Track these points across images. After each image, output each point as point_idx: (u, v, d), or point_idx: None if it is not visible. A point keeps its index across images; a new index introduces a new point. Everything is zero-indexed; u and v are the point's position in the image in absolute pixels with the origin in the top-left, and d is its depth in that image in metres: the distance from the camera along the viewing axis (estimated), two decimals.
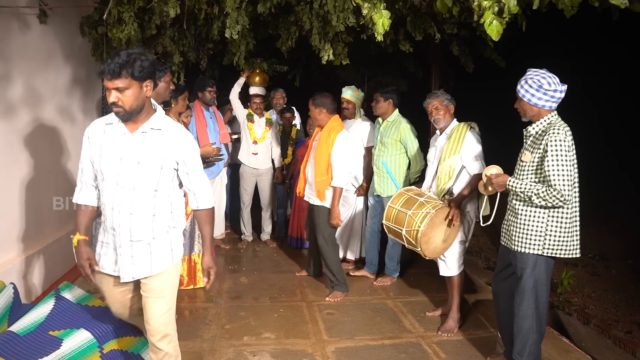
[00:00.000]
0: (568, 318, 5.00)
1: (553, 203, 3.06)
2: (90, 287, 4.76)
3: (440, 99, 4.21)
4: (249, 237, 6.66)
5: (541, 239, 3.18)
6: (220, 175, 6.05)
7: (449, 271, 4.23)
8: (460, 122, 4.20)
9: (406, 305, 4.72)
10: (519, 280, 3.29)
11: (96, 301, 3.74)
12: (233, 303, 4.68)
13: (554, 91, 3.10)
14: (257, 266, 5.77)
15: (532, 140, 3.22)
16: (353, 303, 4.76)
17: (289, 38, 5.44)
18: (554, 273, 5.86)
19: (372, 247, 5.35)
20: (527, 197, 3.14)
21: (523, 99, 3.18)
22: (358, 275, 5.41)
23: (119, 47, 5.04)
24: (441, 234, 3.88)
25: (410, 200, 3.94)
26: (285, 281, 5.28)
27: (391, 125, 5.02)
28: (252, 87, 6.46)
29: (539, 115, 3.19)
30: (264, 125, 6.31)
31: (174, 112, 4.77)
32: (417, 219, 3.79)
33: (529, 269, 3.24)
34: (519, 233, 3.26)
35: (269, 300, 4.76)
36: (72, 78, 5.41)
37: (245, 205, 6.49)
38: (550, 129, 3.09)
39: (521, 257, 3.26)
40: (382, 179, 5.08)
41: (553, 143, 3.03)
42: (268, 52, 7.01)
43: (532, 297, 3.26)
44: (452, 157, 4.05)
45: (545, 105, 3.14)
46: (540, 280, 3.26)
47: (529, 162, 3.17)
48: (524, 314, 3.30)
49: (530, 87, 3.13)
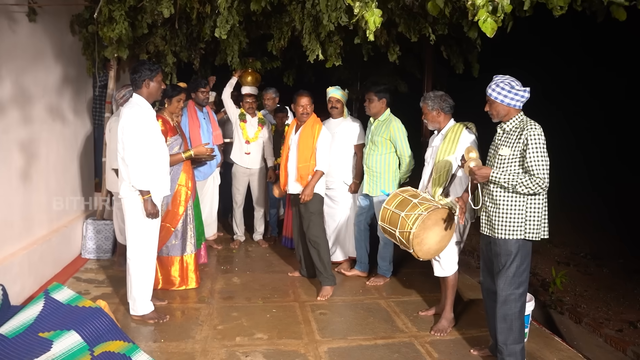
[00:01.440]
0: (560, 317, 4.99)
1: (535, 190, 3.26)
2: (81, 288, 4.73)
3: (425, 104, 4.21)
4: (241, 238, 6.62)
5: (522, 224, 3.35)
6: (212, 176, 6.01)
7: (443, 272, 4.20)
8: (457, 123, 4.18)
9: (399, 305, 4.69)
10: (502, 267, 3.43)
11: (86, 302, 3.69)
12: (225, 303, 4.64)
13: (524, 91, 3.36)
14: (250, 266, 5.73)
15: (505, 137, 3.43)
16: (346, 303, 4.74)
17: (282, 37, 5.41)
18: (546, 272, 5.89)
19: (360, 245, 5.33)
20: (512, 186, 3.31)
21: (496, 101, 3.40)
22: (350, 275, 5.38)
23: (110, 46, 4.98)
24: (435, 236, 3.85)
25: (405, 202, 3.93)
26: (277, 281, 5.25)
27: (382, 123, 5.00)
28: (244, 87, 6.42)
29: (509, 115, 3.42)
30: (257, 125, 6.26)
31: (167, 112, 4.73)
32: (409, 221, 3.77)
33: (512, 255, 3.39)
34: (501, 220, 3.40)
35: (262, 301, 4.73)
36: (62, 77, 5.35)
37: (238, 205, 6.45)
38: (526, 125, 3.33)
39: (505, 244, 3.40)
40: (372, 178, 5.06)
41: (533, 137, 3.25)
42: (260, 51, 6.98)
43: (515, 283, 3.41)
44: (447, 157, 4.05)
45: (516, 104, 3.37)
46: (522, 266, 3.41)
47: (509, 155, 3.36)
48: (507, 299, 3.43)
49: (503, 89, 3.36)
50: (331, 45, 5.02)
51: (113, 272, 5.27)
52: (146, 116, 3.94)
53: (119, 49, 5.01)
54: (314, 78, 8.84)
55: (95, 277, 5.14)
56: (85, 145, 6.02)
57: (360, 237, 5.31)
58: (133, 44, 5.27)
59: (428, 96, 4.23)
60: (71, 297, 3.72)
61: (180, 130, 4.85)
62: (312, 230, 4.85)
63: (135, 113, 3.87)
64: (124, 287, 4.40)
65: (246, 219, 6.66)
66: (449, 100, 4.19)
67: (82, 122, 5.94)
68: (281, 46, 5.53)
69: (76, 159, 5.80)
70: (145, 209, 3.95)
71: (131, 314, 4.19)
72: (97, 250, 5.70)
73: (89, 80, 6.08)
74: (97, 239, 5.69)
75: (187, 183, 4.77)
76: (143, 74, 3.96)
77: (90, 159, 6.20)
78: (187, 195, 4.78)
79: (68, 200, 5.57)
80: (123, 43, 4.87)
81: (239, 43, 5.48)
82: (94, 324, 3.46)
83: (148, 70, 3.96)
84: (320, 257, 4.86)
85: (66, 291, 3.76)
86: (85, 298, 3.77)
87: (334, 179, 5.38)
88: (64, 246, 5.38)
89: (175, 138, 4.70)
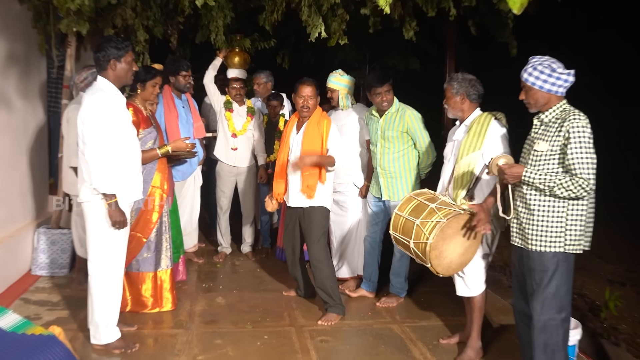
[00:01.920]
0: (615, 349, 4.90)
1: (577, 193, 3.21)
2: (30, 312, 4.67)
3: (449, 85, 4.21)
4: (227, 249, 6.62)
5: (561, 234, 3.32)
6: (193, 176, 6.01)
7: (469, 291, 4.17)
8: (484, 113, 4.16)
9: (415, 331, 4.67)
10: (537, 286, 3.39)
11: (37, 329, 3.61)
12: (207, 329, 4.62)
13: (567, 74, 3.32)
14: (237, 284, 5.73)
15: (543, 129, 3.41)
16: (352, 328, 4.72)
17: (275, 10, 5.36)
18: (596, 293, 5.81)
19: (372, 260, 5.31)
20: (548, 189, 3.27)
21: (533, 87, 3.38)
22: (355, 296, 5.36)
23: (66, 18, 4.91)
24: (457, 247, 3.83)
25: (420, 207, 3.92)
26: (270, 302, 5.24)
27: (394, 116, 4.99)
28: (230, 70, 6.43)
29: (550, 103, 3.40)
30: (245, 115, 6.27)
31: (140, 99, 4.71)
32: (425, 230, 3.76)
33: (549, 272, 3.35)
34: (535, 230, 3.38)
35: (251, 325, 4.71)
36: (6, 55, 5.32)
37: (223, 210, 6.45)
38: (569, 115, 3.29)
39: (540, 257, 3.37)
40: (391, 180, 5.04)
41: (576, 130, 3.22)
42: (250, 27, 6.97)
43: (555, 306, 3.36)
44: (471, 154, 4.03)
45: (558, 91, 3.34)
46: (562, 285, 3.37)
47: (547, 151, 3.34)
48: (546, 326, 3.37)
49: (542, 72, 3.34)
50: (335, 20, 4.97)
51: (71, 291, 5.25)
52: (113, 104, 3.91)
53: (79, 22, 4.96)
54: (313, 59, 8.81)
55: (48, 298, 5.11)
56: (38, 138, 5.99)
57: (373, 252, 5.28)
58: (96, 16, 5.22)
59: (455, 77, 4.23)
60: (17, 323, 3.65)
61: (154, 122, 4.84)
62: (314, 252, 4.81)
63: (99, 100, 3.84)
64: (84, 310, 4.34)
65: (233, 228, 6.65)
66: (478, 86, 4.17)
67: (33, 109, 5.92)
68: (274, 20, 5.48)
69: (25, 155, 5.77)
70: (110, 217, 3.90)
71: (92, 342, 4.14)
72: (51, 265, 5.67)
73: (42, 59, 6.05)
74: (51, 251, 5.65)
75: (162, 185, 4.75)
76: (109, 53, 3.92)
77: (44, 154, 6.18)
78: (163, 199, 4.76)
79: (15, 204, 5.54)
80: (83, 15, 4.81)
81: (224, 17, 5.45)
82: (46, 357, 3.38)
83: (115, 48, 3.93)
84: (323, 283, 4.82)
85: (11, 316, 3.69)
86: (35, 324, 3.71)
87: (342, 180, 5.36)
88: (9, 261, 5.34)
89: (149, 131, 4.69)
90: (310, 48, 8.39)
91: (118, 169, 3.93)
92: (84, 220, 4.06)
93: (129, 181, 4.05)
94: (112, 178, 3.87)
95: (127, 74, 4.03)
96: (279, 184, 4.99)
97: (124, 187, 3.99)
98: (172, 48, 6.65)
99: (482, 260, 4.14)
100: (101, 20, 5.51)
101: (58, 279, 5.56)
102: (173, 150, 4.73)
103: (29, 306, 4.86)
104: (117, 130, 3.92)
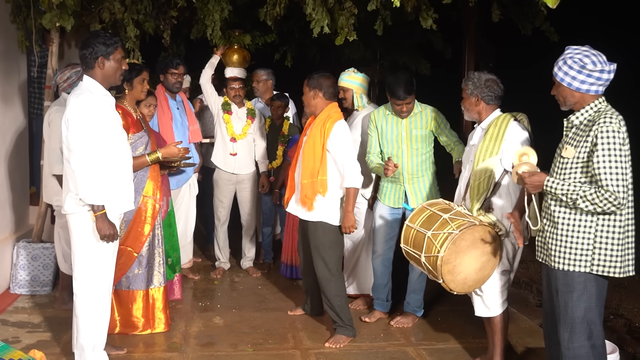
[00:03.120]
0: None
1: (604, 208, 3.12)
2: (8, 335, 4.67)
3: (465, 85, 4.22)
4: (225, 265, 6.61)
5: (589, 252, 3.24)
6: (189, 184, 6.02)
7: (488, 311, 4.17)
8: (503, 114, 4.16)
9: (432, 355, 4.65)
10: (564, 309, 3.33)
11: (15, 353, 3.63)
12: (204, 352, 4.61)
13: (600, 72, 3.21)
14: (236, 302, 5.72)
15: (574, 132, 3.33)
16: (362, 351, 4.70)
17: (277, 3, 5.36)
18: (635, 314, 5.74)
19: (387, 280, 5.25)
20: (571, 201, 3.21)
21: (562, 83, 3.30)
22: (372, 320, 5.28)
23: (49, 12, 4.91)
24: (473, 262, 3.84)
25: (432, 218, 3.94)
26: (273, 322, 5.23)
27: (417, 116, 4.99)
28: (228, 69, 6.43)
29: (582, 102, 3.31)
30: (245, 118, 6.27)
31: (129, 100, 4.72)
32: (436, 242, 3.78)
33: (576, 293, 3.29)
34: (559, 247, 3.32)
35: (252, 348, 4.70)
36: None
37: (221, 222, 6.45)
38: (599, 117, 3.19)
39: (564, 277, 3.31)
40: (418, 184, 5.01)
41: (605, 134, 3.11)
42: (250, 22, 6.96)
43: (584, 332, 3.30)
44: (488, 160, 4.03)
45: (590, 89, 3.24)
46: (593, 308, 3.30)
47: (573, 158, 3.26)
48: (576, 355, 3.31)
49: (571, 68, 3.25)
50: (342, 14, 4.96)
51: (53, 312, 5.23)
52: (101, 106, 3.89)
53: (62, 17, 4.96)
54: (319, 56, 8.82)
55: (28, 318, 5.10)
56: (17, 143, 6.00)
57: (387, 271, 5.22)
58: (81, 9, 5.21)
59: (472, 77, 4.22)
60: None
61: (146, 125, 4.85)
62: (319, 268, 4.80)
63: (86, 101, 3.81)
64: (68, 332, 4.34)
65: (232, 241, 6.65)
66: (495, 88, 4.15)
67: (12, 112, 5.93)
68: (277, 15, 5.48)
69: (4, 161, 5.77)
70: (99, 230, 3.86)
71: None
72: (32, 282, 5.66)
73: (22, 57, 6.05)
74: (32, 267, 5.64)
75: (154, 194, 4.75)
76: (96, 50, 3.89)
77: (24, 161, 6.19)
78: (155, 210, 4.75)
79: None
80: (68, 9, 4.81)
81: (220, 10, 5.45)
82: None
83: (103, 44, 3.91)
84: (331, 301, 4.79)
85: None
86: (14, 348, 3.75)
87: None
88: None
89: (140, 135, 4.70)
90: (315, 44, 8.41)
91: (107, 177, 3.88)
92: (69, 234, 4.04)
93: (119, 191, 4.01)
94: (101, 188, 3.82)
95: (116, 73, 4.00)
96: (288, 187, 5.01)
97: (113, 197, 3.95)
98: (165, 45, 6.64)
99: (502, 276, 4.13)
100: (87, 15, 5.53)
101: (39, 298, 5.54)
102: (164, 157, 4.71)
103: (7, 328, 4.86)
104: (106, 135, 3.88)
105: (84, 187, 3.77)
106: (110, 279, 4.12)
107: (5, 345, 3.74)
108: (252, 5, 6.06)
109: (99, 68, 3.92)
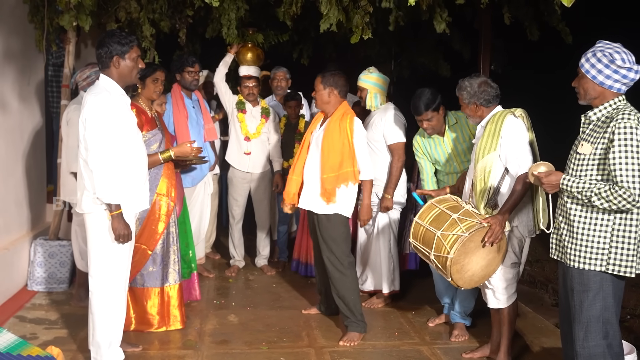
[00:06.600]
0: None
1: (619, 205, 3.10)
2: (26, 331, 4.69)
3: (460, 95, 4.23)
4: (240, 263, 6.62)
5: (605, 252, 3.22)
6: (204, 182, 6.03)
7: (499, 302, 4.23)
8: (501, 110, 4.18)
9: (447, 354, 4.63)
10: (579, 308, 3.31)
11: (33, 349, 3.64)
12: (218, 350, 4.62)
13: (628, 70, 3.17)
14: (251, 300, 5.72)
15: (591, 129, 3.30)
16: (376, 350, 4.70)
17: (293, 2, 5.35)
18: None
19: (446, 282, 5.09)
20: (586, 198, 3.19)
21: (587, 75, 3.26)
22: (435, 324, 5.19)
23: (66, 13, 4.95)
24: (480, 260, 3.90)
25: (442, 216, 3.96)
26: (287, 320, 5.24)
27: (456, 127, 4.93)
28: (242, 67, 6.42)
29: (602, 98, 3.28)
30: (259, 117, 6.27)
31: (143, 99, 4.72)
32: (446, 243, 3.82)
33: (591, 292, 3.27)
34: (575, 245, 3.30)
35: (266, 346, 4.70)
36: (1, 52, 5.35)
37: (236, 220, 6.45)
38: (617, 114, 3.17)
39: (580, 276, 3.29)
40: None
41: (622, 131, 3.09)
42: (265, 21, 6.96)
43: (600, 331, 3.28)
44: (487, 156, 4.04)
45: (613, 86, 3.22)
46: (609, 307, 3.28)
47: (589, 154, 3.24)
48: (591, 355, 3.29)
49: (599, 61, 3.20)
50: (357, 12, 4.94)
51: (70, 309, 5.26)
52: (117, 105, 3.90)
53: (79, 17, 4.99)
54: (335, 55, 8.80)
55: (45, 315, 5.13)
56: (35, 142, 6.04)
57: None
58: (98, 9, 5.24)
59: (464, 86, 4.21)
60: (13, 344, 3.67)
61: (160, 123, 4.85)
62: (331, 265, 4.80)
63: (103, 101, 3.81)
64: (84, 329, 4.34)
65: (247, 239, 6.65)
66: (489, 90, 4.14)
67: (30, 111, 5.96)
68: (293, 14, 5.48)
69: (21, 160, 5.81)
70: (114, 230, 3.88)
71: None
72: (49, 280, 5.69)
73: (40, 56, 6.08)
74: (49, 265, 5.67)
75: (169, 192, 4.76)
76: (111, 49, 3.90)
77: (42, 159, 6.22)
78: (170, 207, 4.76)
79: (10, 214, 5.57)
80: (84, 8, 4.84)
81: (236, 9, 5.45)
82: None
83: (118, 44, 3.91)
84: (344, 295, 4.79)
85: (6, 335, 3.72)
86: (32, 344, 3.74)
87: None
88: (4, 276, 5.36)
89: (154, 133, 4.71)
90: (330, 42, 8.39)
91: (124, 177, 3.90)
92: (85, 231, 4.05)
93: (135, 190, 4.03)
94: (117, 187, 3.84)
95: (132, 72, 4.00)
96: (291, 182, 4.95)
97: (129, 196, 3.97)
98: (181, 43, 6.66)
99: (512, 269, 4.18)
100: (103, 14, 5.55)
101: (56, 295, 5.58)
102: (176, 156, 4.72)
103: (25, 324, 4.88)
104: (123, 135, 3.90)
105: (102, 186, 3.78)
106: (126, 277, 4.13)
107: (23, 341, 3.76)
108: (268, 4, 6.05)
109: (115, 67, 3.93)
